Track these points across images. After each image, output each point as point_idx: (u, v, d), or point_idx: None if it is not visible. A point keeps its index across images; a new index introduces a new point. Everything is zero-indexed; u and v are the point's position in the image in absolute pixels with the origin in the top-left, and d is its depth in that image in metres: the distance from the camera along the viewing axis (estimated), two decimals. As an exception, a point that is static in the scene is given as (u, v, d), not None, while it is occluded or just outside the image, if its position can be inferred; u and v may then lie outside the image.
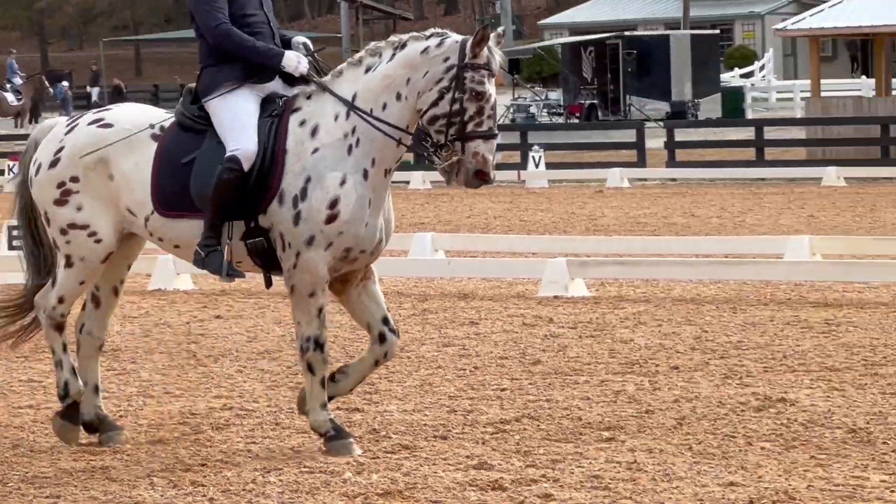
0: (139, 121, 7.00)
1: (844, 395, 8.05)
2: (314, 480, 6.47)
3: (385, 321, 7.00)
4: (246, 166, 6.66)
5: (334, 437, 6.88)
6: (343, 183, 6.71)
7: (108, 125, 6.97)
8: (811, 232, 16.50)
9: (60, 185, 6.98)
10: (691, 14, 51.22)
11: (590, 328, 10.61)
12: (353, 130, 6.77)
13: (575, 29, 59.12)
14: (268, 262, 6.88)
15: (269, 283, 7.08)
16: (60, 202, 6.99)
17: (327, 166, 6.73)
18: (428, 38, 6.79)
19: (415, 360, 9.64)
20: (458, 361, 9.63)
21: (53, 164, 7.01)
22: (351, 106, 6.76)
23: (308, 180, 6.71)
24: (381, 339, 6.99)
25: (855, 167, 27.05)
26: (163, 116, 7.08)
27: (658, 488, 6.15)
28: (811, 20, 29.89)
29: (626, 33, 46.64)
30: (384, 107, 6.76)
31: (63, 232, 7.01)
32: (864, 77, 44.14)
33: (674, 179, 28.11)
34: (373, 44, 6.97)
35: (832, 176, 25.74)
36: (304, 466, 6.72)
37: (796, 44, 52.69)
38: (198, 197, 6.75)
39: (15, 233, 12.09)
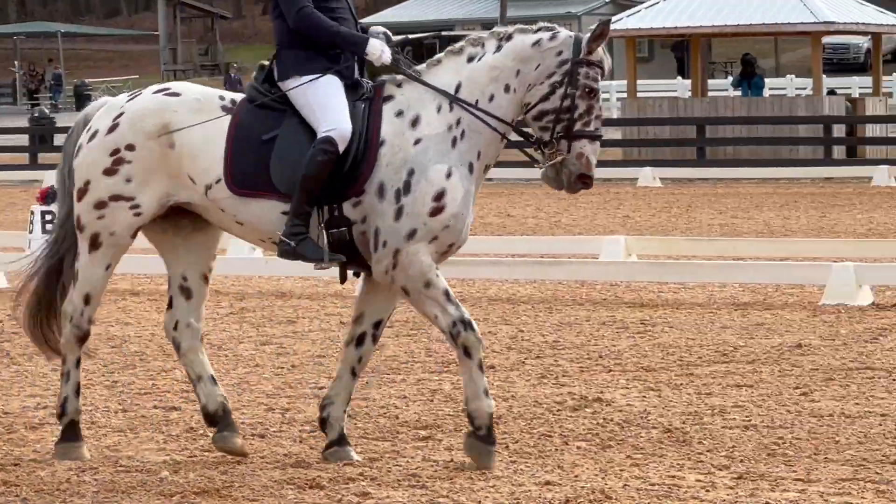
0: (207, 92, 6.77)
1: (660, 395, 8.23)
2: (130, 479, 6.39)
3: (376, 326, 6.81)
4: (341, 148, 6.36)
5: (484, 438, 6.48)
6: (449, 176, 6.45)
7: (175, 94, 6.71)
8: (626, 232, 16.88)
9: (114, 152, 6.61)
10: (508, 14, 51.95)
11: (406, 327, 10.67)
12: (458, 122, 6.53)
13: (393, 28, 59.31)
14: (347, 254, 6.54)
15: (343, 279, 6.77)
16: (110, 171, 6.61)
17: (431, 158, 6.46)
18: (537, 30, 6.59)
19: (232, 359, 9.63)
20: (275, 360, 9.63)
21: (111, 129, 6.62)
22: (454, 98, 6.51)
23: (411, 173, 6.43)
24: (371, 339, 6.80)
25: (671, 168, 27.78)
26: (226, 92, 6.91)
27: (475, 487, 6.21)
28: (627, 21, 30.45)
29: (444, 33, 47.00)
30: (491, 98, 6.52)
31: (100, 205, 6.59)
32: (679, 78, 45.34)
33: (490, 179, 28.32)
34: (474, 34, 6.74)
35: (648, 176, 26.33)
36: (120, 465, 6.65)
37: (613, 44, 53.85)
38: (280, 180, 6.45)
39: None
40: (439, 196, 6.40)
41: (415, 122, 6.50)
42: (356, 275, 6.78)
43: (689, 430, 7.28)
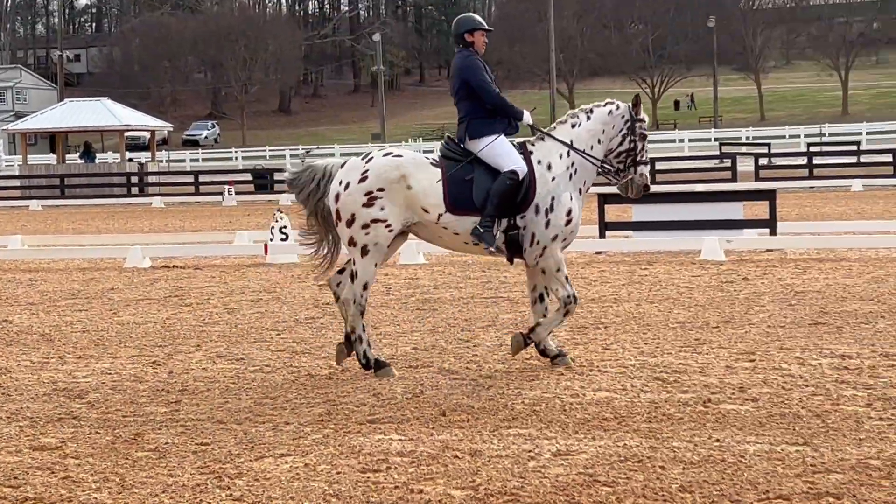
0: (412, 154, 9.99)
1: None
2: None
3: (545, 288, 10.09)
4: (520, 177, 9.69)
5: (560, 356, 9.90)
6: (571, 199, 9.87)
7: (399, 155, 9.86)
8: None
9: (368, 193, 9.66)
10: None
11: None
12: (572, 164, 9.94)
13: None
14: (513, 250, 9.86)
15: (511, 261, 10.05)
16: (367, 205, 9.67)
17: (561, 189, 9.83)
18: (605, 104, 10.15)
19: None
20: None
21: (362, 180, 9.68)
22: (572, 147, 9.97)
23: (553, 199, 9.79)
24: (541, 299, 10.09)
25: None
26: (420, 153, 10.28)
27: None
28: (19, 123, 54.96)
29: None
30: (591, 147, 10.01)
31: (365, 226, 9.65)
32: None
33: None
34: (570, 112, 10.22)
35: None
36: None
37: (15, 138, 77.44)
38: (478, 202, 9.70)
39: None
40: (569, 213, 9.85)
41: (549, 167, 9.88)
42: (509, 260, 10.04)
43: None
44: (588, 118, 10.15)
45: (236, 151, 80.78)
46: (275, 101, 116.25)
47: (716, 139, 69.82)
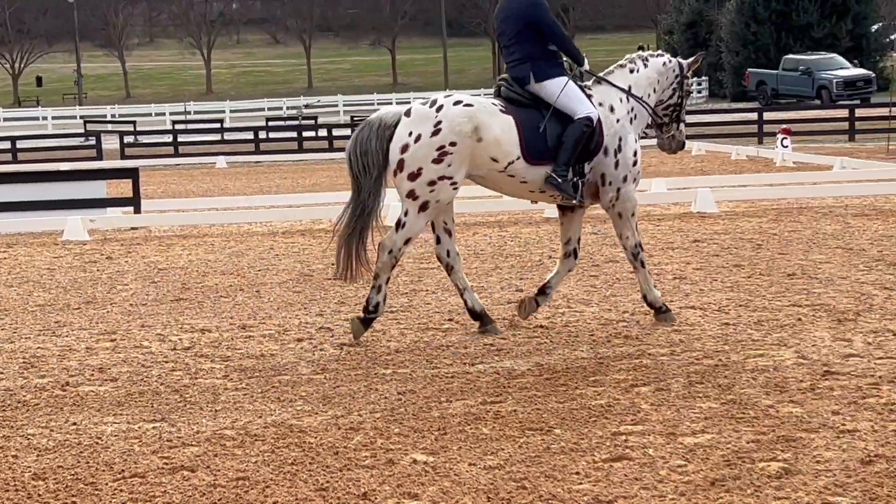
0: (481, 100, 9.28)
1: None
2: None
3: (578, 242, 9.86)
4: (594, 123, 9.31)
5: (664, 311, 9.69)
6: (636, 140, 9.68)
7: (470, 104, 9.13)
8: None
9: (440, 148, 8.98)
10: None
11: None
12: (632, 109, 9.74)
13: None
14: (582, 195, 9.41)
15: (583, 204, 9.65)
16: (437, 161, 8.99)
17: (626, 130, 9.59)
18: (659, 55, 10.07)
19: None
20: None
21: (435, 133, 8.97)
22: (630, 93, 9.75)
23: (620, 139, 9.52)
24: (575, 254, 9.83)
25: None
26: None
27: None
28: None
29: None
30: (648, 96, 9.85)
31: (432, 183, 9.00)
32: None
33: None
34: (627, 57, 10.03)
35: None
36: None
37: None
38: (552, 149, 9.20)
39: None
40: (635, 153, 9.63)
41: (612, 109, 9.59)
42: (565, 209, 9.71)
43: None
44: (645, 66, 9.94)
45: None
46: None
47: (81, 117, 68.79)
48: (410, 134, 9.05)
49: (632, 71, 9.90)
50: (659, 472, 5.92)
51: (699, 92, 74.70)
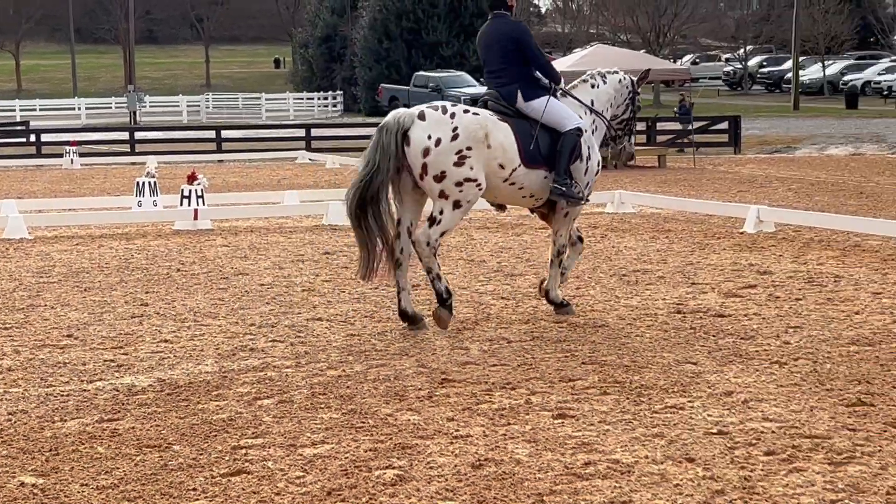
0: (481, 111, 9.97)
1: None
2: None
3: (578, 231, 10.78)
4: (583, 132, 10.17)
5: (565, 305, 10.43)
6: (597, 151, 10.47)
7: (476, 113, 9.83)
8: None
9: (458, 152, 9.55)
10: None
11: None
12: (593, 122, 10.48)
13: None
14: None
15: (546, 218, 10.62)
16: (458, 164, 9.56)
17: (592, 141, 10.37)
18: (615, 72, 10.79)
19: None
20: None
21: (454, 138, 9.56)
22: (591, 108, 10.52)
23: (589, 148, 10.27)
24: (580, 240, 10.78)
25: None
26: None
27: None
28: None
29: None
30: (605, 110, 10.62)
31: (459, 184, 9.57)
32: None
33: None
34: (588, 73, 10.75)
35: None
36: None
37: None
38: (546, 157, 9.96)
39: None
40: (598, 163, 10.44)
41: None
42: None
43: None
44: (604, 82, 10.68)
45: None
46: None
47: None
48: (430, 137, 9.59)
49: (593, 86, 10.68)
50: (277, 485, 5.92)
51: (334, 106, 75.68)
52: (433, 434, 6.74)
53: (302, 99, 76.76)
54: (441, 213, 9.65)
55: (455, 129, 9.60)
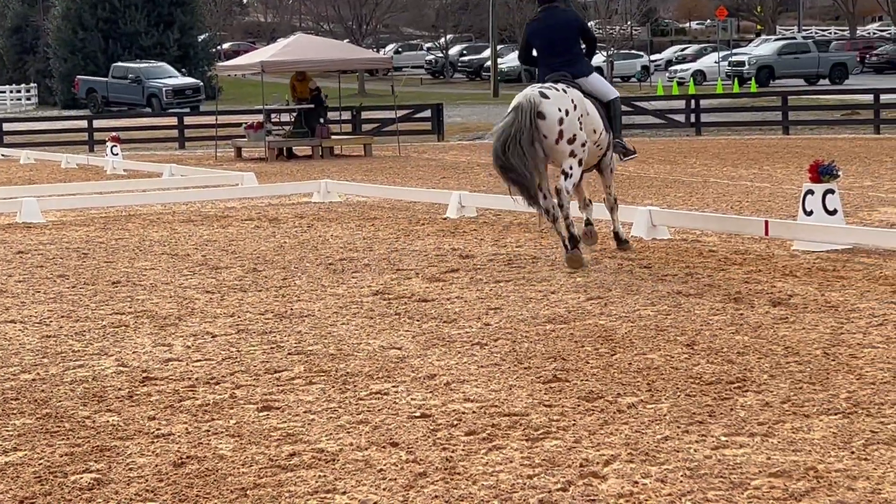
0: (569, 87, 12.09)
1: None
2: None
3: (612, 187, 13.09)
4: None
5: (628, 242, 13.01)
6: None
7: (567, 89, 11.99)
8: None
9: (580, 118, 11.88)
10: None
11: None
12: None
13: None
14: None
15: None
16: (581, 128, 11.87)
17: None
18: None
19: None
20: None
21: (575, 108, 11.84)
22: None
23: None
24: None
25: None
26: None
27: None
28: None
29: None
30: None
31: (583, 144, 11.91)
32: None
33: None
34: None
35: None
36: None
37: None
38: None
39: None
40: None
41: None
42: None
43: None
44: None
45: None
46: None
47: None
48: (560, 109, 11.76)
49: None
50: (-35, 498, 5.62)
51: (28, 99, 72.84)
52: (133, 434, 6.56)
53: (-7, 92, 73.57)
54: (571, 168, 11.83)
55: (573, 100, 11.89)
